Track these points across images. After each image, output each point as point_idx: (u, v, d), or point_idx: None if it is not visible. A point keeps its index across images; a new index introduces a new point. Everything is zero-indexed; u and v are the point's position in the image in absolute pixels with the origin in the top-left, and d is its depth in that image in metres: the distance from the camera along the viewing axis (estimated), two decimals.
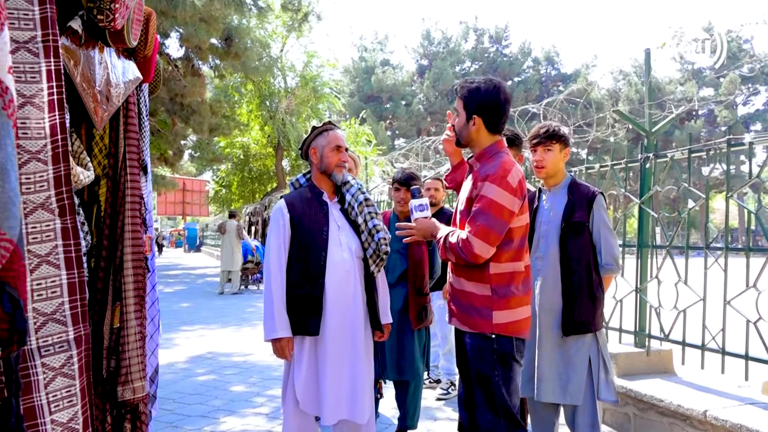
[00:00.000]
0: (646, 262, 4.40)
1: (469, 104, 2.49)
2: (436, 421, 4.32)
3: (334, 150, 2.90)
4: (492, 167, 2.38)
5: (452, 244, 2.40)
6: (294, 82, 21.82)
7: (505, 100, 2.47)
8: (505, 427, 2.36)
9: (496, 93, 2.45)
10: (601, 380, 2.94)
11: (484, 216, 2.32)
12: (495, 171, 2.36)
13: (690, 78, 42.26)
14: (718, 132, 39.15)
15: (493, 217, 2.32)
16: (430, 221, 2.64)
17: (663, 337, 4.16)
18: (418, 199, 2.67)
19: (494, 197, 2.32)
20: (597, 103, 20.57)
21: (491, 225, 2.31)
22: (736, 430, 3.14)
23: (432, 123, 46.11)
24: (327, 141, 2.91)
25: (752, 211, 3.62)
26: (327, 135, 2.94)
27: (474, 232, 2.33)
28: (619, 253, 3.05)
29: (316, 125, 2.99)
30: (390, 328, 3.09)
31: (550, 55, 49.86)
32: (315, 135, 2.96)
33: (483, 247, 2.32)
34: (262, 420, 4.33)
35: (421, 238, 2.66)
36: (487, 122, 2.47)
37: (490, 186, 2.34)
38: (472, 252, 2.33)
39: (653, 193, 4.29)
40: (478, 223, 2.33)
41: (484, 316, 2.39)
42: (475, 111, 2.47)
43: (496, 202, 2.32)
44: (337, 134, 2.95)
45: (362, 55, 47.99)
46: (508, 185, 2.34)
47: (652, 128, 4.61)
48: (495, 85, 2.47)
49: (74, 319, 1.32)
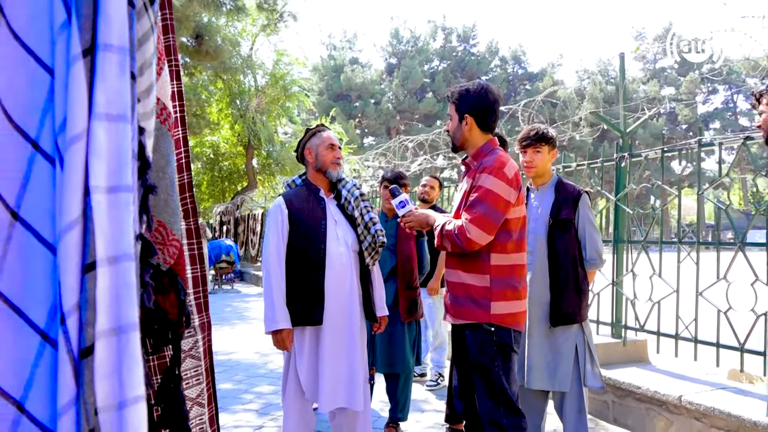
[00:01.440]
0: (622, 257, 4.62)
1: (460, 106, 2.64)
2: (424, 412, 4.46)
3: (328, 148, 3.04)
4: (489, 160, 2.53)
5: (448, 231, 2.52)
6: (264, 81, 21.72)
7: (494, 100, 2.63)
8: (504, 415, 2.49)
9: (485, 93, 2.61)
10: (587, 368, 3.11)
11: (480, 204, 2.46)
12: (492, 163, 2.50)
13: (652, 77, 43.37)
14: (679, 130, 40.26)
15: (489, 206, 2.45)
16: (423, 213, 2.78)
17: (639, 328, 4.38)
18: (397, 198, 2.82)
19: (491, 187, 2.46)
20: (564, 102, 20.97)
21: (487, 213, 2.45)
22: (709, 412, 3.35)
23: (401, 121, 46.34)
24: (321, 140, 3.06)
25: (722, 207, 3.85)
26: (320, 135, 3.09)
27: (471, 219, 2.45)
28: (602, 249, 3.23)
29: (309, 127, 3.13)
30: (386, 320, 3.22)
31: (516, 54, 50.60)
32: (309, 136, 3.10)
33: (479, 233, 2.44)
34: (253, 416, 4.41)
35: (418, 227, 2.79)
36: (478, 121, 2.62)
37: (487, 177, 2.48)
38: (467, 238, 2.45)
39: (628, 190, 4.51)
40: (474, 210, 2.46)
41: (482, 306, 2.52)
42: (466, 111, 2.62)
43: (493, 191, 2.46)
44: (330, 134, 3.11)
45: (331, 54, 47.94)
46: (504, 176, 2.49)
47: (626, 129, 4.82)
48: (483, 87, 2.64)
49: (198, 309, 1.45)
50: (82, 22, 0.82)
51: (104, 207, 0.80)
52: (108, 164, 0.81)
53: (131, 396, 0.81)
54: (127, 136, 0.84)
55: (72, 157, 0.79)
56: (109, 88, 0.82)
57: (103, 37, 0.82)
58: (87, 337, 0.77)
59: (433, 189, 4.91)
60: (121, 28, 0.84)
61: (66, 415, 0.78)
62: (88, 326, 0.77)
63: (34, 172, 0.84)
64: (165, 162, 1.09)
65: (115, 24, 0.83)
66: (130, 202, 0.83)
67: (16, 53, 0.84)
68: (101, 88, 0.81)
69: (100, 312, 0.78)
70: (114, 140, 0.82)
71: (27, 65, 0.85)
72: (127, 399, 0.81)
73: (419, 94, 46.90)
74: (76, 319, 0.77)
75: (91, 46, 0.82)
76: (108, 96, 0.82)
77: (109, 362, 0.79)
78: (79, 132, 0.79)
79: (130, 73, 0.84)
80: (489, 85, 2.68)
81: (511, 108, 7.63)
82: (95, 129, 0.80)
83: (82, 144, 0.79)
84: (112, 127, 0.82)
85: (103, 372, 0.78)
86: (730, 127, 39.92)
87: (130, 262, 0.82)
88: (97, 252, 0.79)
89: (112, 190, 0.81)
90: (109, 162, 0.81)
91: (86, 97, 0.80)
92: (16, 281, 0.83)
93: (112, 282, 0.80)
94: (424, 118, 46.53)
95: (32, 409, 0.82)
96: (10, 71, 0.83)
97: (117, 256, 0.81)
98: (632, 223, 4.82)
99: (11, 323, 0.82)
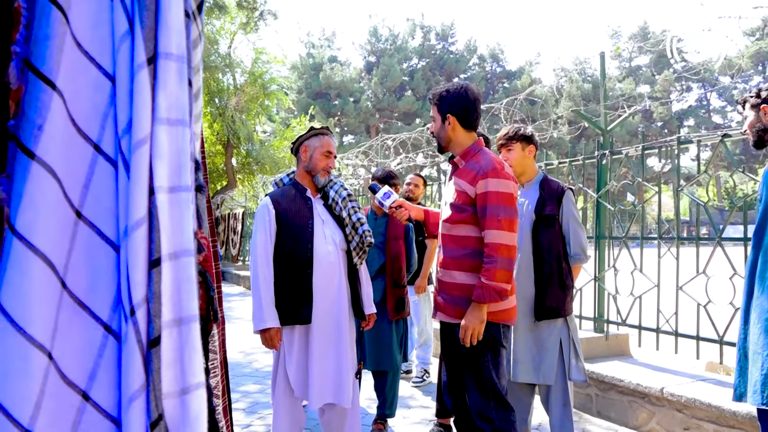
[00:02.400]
0: (604, 252, 4.70)
1: (441, 106, 2.69)
2: (411, 408, 4.50)
3: (324, 154, 3.04)
4: (485, 164, 2.57)
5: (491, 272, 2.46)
6: (243, 79, 21.56)
7: (475, 98, 2.68)
8: (494, 409, 2.54)
9: (465, 92, 2.67)
10: (572, 362, 3.17)
11: (502, 209, 2.50)
12: (492, 166, 2.55)
13: (628, 75, 43.93)
14: (654, 127, 40.88)
15: (509, 208, 2.51)
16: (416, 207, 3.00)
17: (620, 322, 4.46)
18: (379, 192, 2.87)
19: (503, 189, 2.52)
20: (543, 100, 21.28)
21: (511, 214, 2.51)
22: (690, 403, 3.43)
23: (380, 120, 46.31)
24: (320, 144, 3.05)
25: (700, 203, 3.94)
26: (322, 138, 3.07)
27: (499, 227, 2.48)
28: (586, 244, 3.29)
29: (314, 126, 3.11)
30: (375, 317, 3.25)
31: (495, 53, 50.88)
32: (311, 135, 3.09)
33: (510, 237, 2.50)
34: (240, 415, 4.41)
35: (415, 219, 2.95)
36: (461, 120, 2.67)
37: (494, 180, 2.52)
38: (507, 248, 2.47)
39: (609, 187, 4.59)
40: (500, 217, 2.48)
41: None
42: (448, 111, 2.67)
43: (504, 192, 2.52)
44: (331, 141, 3.09)
45: (310, 52, 47.72)
46: (507, 175, 2.56)
47: (607, 127, 4.90)
48: (462, 86, 2.70)
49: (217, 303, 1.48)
50: (146, 32, 0.87)
51: (167, 206, 0.85)
52: (169, 166, 0.86)
53: (193, 383, 0.86)
54: (186, 138, 0.89)
55: (138, 159, 0.84)
56: (170, 94, 0.86)
57: (163, 46, 0.87)
58: (155, 328, 0.81)
59: (418, 187, 4.95)
60: (180, 38, 0.89)
61: (136, 401, 0.82)
62: (155, 318, 0.81)
63: (96, 173, 0.88)
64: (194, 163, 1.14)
65: (174, 34, 0.87)
66: (189, 200, 0.88)
67: (80, 61, 0.88)
68: (163, 95, 0.86)
69: (165, 304, 0.83)
70: (174, 143, 0.86)
71: (89, 73, 0.88)
72: (189, 385, 0.86)
73: (398, 92, 46.93)
74: (145, 312, 0.81)
75: (153, 55, 0.86)
76: (169, 102, 0.86)
77: (173, 351, 0.84)
78: (144, 136, 0.84)
79: (187, 80, 0.87)
80: (469, 84, 2.74)
81: (491, 106, 7.72)
82: (158, 133, 0.85)
83: (147, 147, 0.84)
84: (173, 131, 0.87)
85: (168, 360, 0.83)
86: (704, 125, 40.65)
87: (191, 257, 0.88)
88: (162, 248, 0.84)
89: (174, 190, 0.87)
90: (171, 163, 0.86)
91: (150, 103, 0.84)
92: (80, 276, 0.87)
93: (175, 276, 0.85)
94: (403, 116, 46.59)
95: (97, 397, 0.86)
96: (73, 78, 0.87)
97: (179, 251, 0.86)
98: (613, 220, 4.91)
99: (76, 316, 0.86)
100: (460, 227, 2.62)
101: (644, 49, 39.39)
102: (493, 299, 2.46)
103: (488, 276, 2.45)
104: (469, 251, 2.59)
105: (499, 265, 2.45)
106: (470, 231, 2.60)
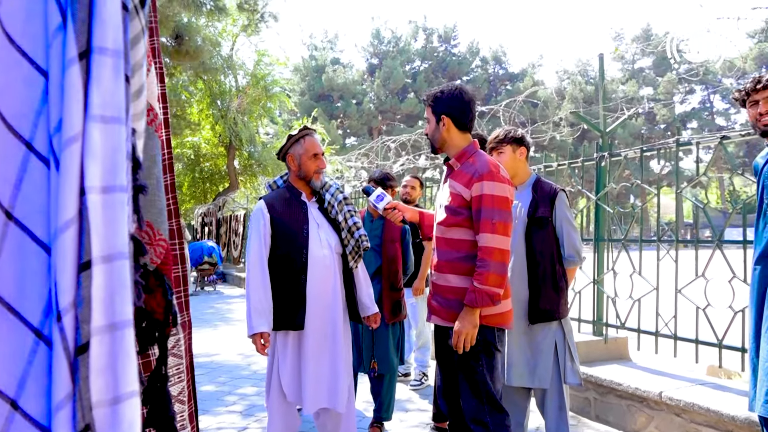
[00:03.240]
0: (603, 255, 4.67)
1: (436, 108, 2.67)
2: (408, 412, 4.47)
3: (311, 158, 3.00)
4: (481, 167, 2.54)
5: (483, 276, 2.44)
6: (245, 81, 21.60)
7: (469, 99, 2.67)
8: (488, 413, 2.51)
9: (459, 93, 2.65)
10: (567, 365, 3.14)
11: (497, 212, 2.47)
12: (488, 169, 2.52)
13: (631, 77, 43.87)
14: (657, 129, 40.76)
15: (504, 211, 2.49)
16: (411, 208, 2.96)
17: (619, 325, 4.43)
18: (372, 194, 2.86)
19: (497, 192, 2.49)
20: (545, 102, 21.31)
21: (505, 218, 2.49)
22: (689, 408, 3.40)
23: (383, 122, 46.39)
24: (304, 149, 3.00)
25: (700, 205, 3.91)
26: (303, 143, 3.01)
27: (493, 230, 2.45)
28: (581, 246, 3.25)
29: (292, 134, 3.05)
30: (379, 316, 3.23)
31: (497, 55, 50.92)
32: (291, 143, 3.03)
33: (504, 241, 2.47)
34: (237, 417, 4.39)
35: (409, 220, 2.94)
36: (455, 121, 2.64)
37: (489, 183, 2.49)
38: (500, 252, 2.45)
39: (608, 189, 4.56)
40: (494, 221, 2.46)
41: None
42: (442, 112, 2.65)
43: (499, 196, 2.49)
44: (313, 141, 3.02)
45: (312, 54, 47.85)
46: (503, 178, 2.53)
47: (606, 129, 4.88)
48: (457, 87, 2.68)
49: (180, 308, 1.46)
50: (78, 26, 0.83)
51: (99, 207, 0.82)
52: (103, 165, 0.83)
53: (126, 391, 0.83)
54: (121, 137, 0.85)
55: (68, 158, 0.81)
56: (104, 90, 0.83)
57: (98, 41, 0.84)
58: (83, 334, 0.79)
59: (414, 189, 4.94)
60: (116, 32, 0.86)
61: (62, 411, 0.79)
62: (83, 323, 0.79)
63: (28, 172, 0.85)
64: (152, 162, 1.11)
65: (110, 27, 0.85)
66: (124, 201, 0.85)
67: (11, 56, 0.85)
68: (96, 91, 0.83)
69: (96, 309, 0.80)
70: (109, 141, 0.83)
71: (21, 68, 0.86)
72: (121, 394, 0.83)
73: (401, 95, 47.00)
74: (72, 317, 0.79)
75: (87, 50, 0.83)
76: (103, 98, 0.83)
77: (104, 358, 0.81)
78: (75, 134, 0.81)
79: (124, 76, 0.85)
80: (463, 85, 2.73)
81: (492, 108, 7.70)
82: (90, 130, 0.82)
83: (78, 145, 0.81)
84: (107, 129, 0.84)
85: (98, 368, 0.80)
86: (707, 127, 40.52)
87: (125, 260, 0.85)
88: (92, 251, 0.81)
89: (107, 190, 0.83)
90: (104, 163, 0.83)
91: (82, 99, 0.82)
92: (10, 280, 0.84)
93: (107, 280, 0.82)
94: (406, 119, 46.64)
95: (26, 406, 0.83)
96: (4, 74, 0.84)
97: (112, 254, 0.83)
98: (612, 222, 4.88)
99: (5, 322, 0.84)
100: (454, 230, 2.60)
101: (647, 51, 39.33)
102: (486, 304, 2.43)
103: (481, 280, 2.43)
104: (463, 254, 2.57)
105: (492, 269, 2.43)
106: (465, 234, 2.57)
